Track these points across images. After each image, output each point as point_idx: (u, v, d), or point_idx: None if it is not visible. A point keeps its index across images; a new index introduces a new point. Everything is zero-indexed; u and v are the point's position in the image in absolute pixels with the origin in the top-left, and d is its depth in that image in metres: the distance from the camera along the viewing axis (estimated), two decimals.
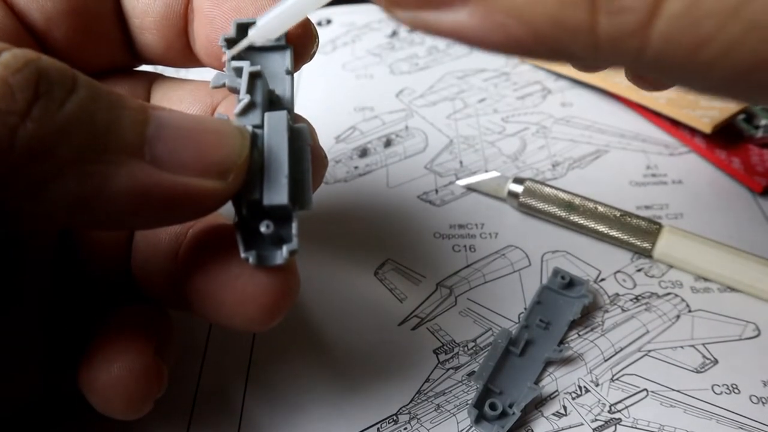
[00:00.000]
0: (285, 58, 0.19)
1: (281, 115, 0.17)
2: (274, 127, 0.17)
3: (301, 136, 0.17)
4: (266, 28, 0.17)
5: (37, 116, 0.13)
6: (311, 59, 0.21)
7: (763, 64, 0.11)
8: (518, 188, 0.30)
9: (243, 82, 0.17)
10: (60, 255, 0.20)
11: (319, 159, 0.20)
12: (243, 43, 0.18)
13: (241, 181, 0.16)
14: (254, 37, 0.18)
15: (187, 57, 0.21)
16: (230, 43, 0.18)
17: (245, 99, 0.17)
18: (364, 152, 0.34)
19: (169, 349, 0.20)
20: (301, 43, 0.19)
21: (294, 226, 0.16)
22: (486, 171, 0.33)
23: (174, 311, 0.21)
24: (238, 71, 0.18)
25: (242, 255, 0.16)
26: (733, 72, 0.11)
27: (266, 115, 0.17)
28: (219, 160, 0.15)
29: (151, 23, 0.21)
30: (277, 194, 0.16)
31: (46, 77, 0.14)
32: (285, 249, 0.16)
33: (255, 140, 0.16)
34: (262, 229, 0.16)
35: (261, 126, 0.17)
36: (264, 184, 0.16)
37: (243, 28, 0.18)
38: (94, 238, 0.20)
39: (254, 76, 0.17)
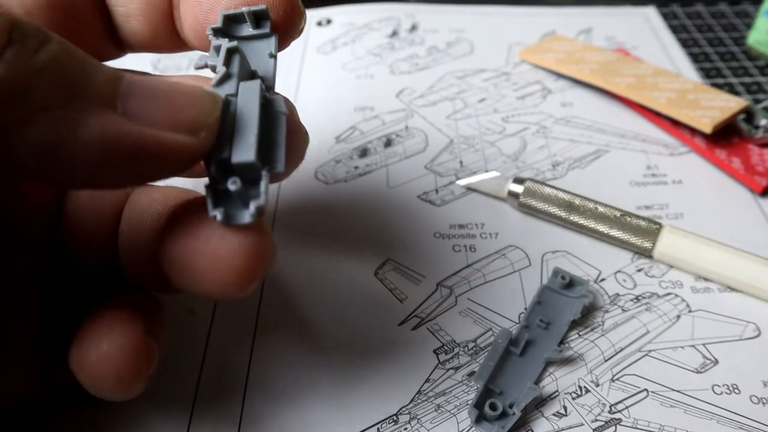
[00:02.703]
0: (270, 45, 0.19)
1: (255, 83, 0.17)
2: (247, 94, 0.17)
3: (274, 104, 0.18)
4: None
5: (9, 59, 0.13)
6: (299, 35, 0.20)
7: None
8: (518, 188, 0.30)
9: (220, 57, 0.17)
10: (51, 247, 0.20)
11: (299, 132, 0.20)
12: None
13: (212, 139, 0.16)
14: None
15: (174, 41, 0.21)
16: (217, 32, 0.19)
17: (221, 71, 0.17)
18: (364, 152, 0.34)
19: (160, 331, 0.20)
20: (290, 22, 0.19)
21: (263, 184, 0.16)
22: (486, 171, 0.33)
23: (167, 301, 0.21)
24: (218, 50, 0.18)
25: (210, 213, 0.16)
26: None
27: (241, 84, 0.17)
28: (190, 118, 0.16)
29: (135, 10, 0.21)
30: (245, 152, 0.16)
31: (20, 28, 0.14)
32: (252, 205, 0.16)
33: (228, 106, 0.17)
34: (230, 186, 0.16)
35: (236, 95, 0.17)
36: (233, 143, 0.16)
37: (230, 20, 0.19)
38: (84, 226, 0.20)
39: (231, 52, 0.18)
